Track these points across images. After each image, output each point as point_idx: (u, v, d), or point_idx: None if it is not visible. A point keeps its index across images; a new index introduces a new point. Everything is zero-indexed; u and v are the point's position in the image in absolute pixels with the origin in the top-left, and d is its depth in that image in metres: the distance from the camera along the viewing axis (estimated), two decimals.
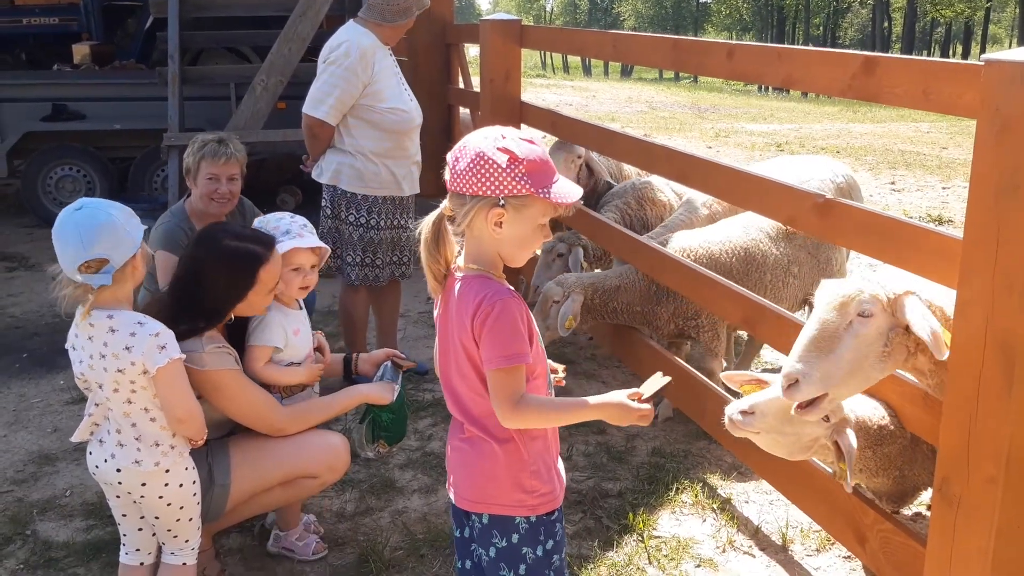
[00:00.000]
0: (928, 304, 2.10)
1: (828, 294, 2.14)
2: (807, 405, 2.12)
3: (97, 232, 2.22)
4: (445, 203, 1.92)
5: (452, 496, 2.07)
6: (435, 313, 2.07)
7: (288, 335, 2.78)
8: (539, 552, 2.01)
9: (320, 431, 2.86)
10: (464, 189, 1.85)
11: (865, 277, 2.16)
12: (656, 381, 2.00)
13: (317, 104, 4.01)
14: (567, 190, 1.87)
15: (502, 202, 1.84)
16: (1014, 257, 1.80)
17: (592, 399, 1.97)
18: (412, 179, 4.26)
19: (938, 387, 2.19)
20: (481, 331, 1.87)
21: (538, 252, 4.40)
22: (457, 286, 1.94)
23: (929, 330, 1.99)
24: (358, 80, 3.96)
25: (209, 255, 2.60)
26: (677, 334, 3.90)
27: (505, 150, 1.83)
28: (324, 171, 4.18)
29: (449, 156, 1.89)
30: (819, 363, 2.07)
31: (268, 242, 2.66)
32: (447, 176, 1.89)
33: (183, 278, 2.60)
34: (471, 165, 1.84)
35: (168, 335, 2.32)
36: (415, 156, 4.24)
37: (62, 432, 3.87)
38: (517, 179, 1.83)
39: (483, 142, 1.85)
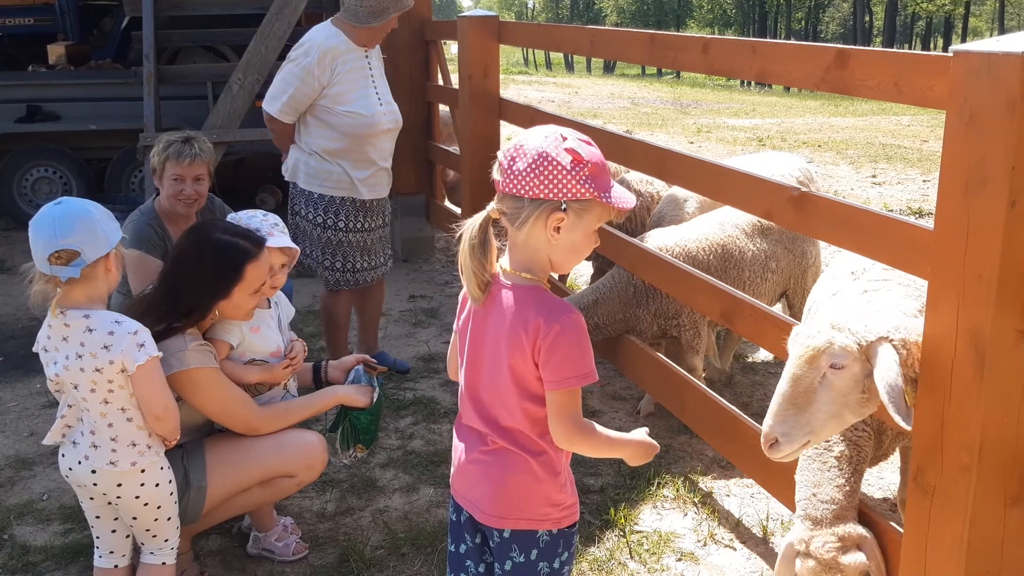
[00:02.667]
0: (903, 343, 2.04)
1: (799, 346, 2.10)
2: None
3: (72, 223, 2.23)
4: (492, 205, 1.81)
5: (471, 512, 1.96)
6: (460, 318, 1.97)
7: (244, 333, 2.76)
8: (555, 565, 1.95)
9: (297, 430, 2.85)
10: (523, 191, 1.75)
11: (835, 323, 2.09)
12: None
13: (271, 100, 4.04)
14: (625, 195, 1.81)
15: (564, 206, 1.75)
16: (983, 248, 1.81)
17: (627, 436, 1.97)
18: (375, 184, 4.19)
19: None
20: (548, 350, 1.78)
21: None
22: (506, 295, 1.83)
23: (888, 393, 1.94)
24: (314, 80, 3.95)
25: (196, 247, 2.62)
26: (660, 334, 3.90)
27: (570, 151, 1.74)
28: (287, 167, 4.20)
29: (502, 155, 1.79)
30: (797, 420, 2.08)
31: (258, 240, 2.67)
32: (497, 176, 1.80)
33: (171, 273, 2.61)
34: (533, 166, 1.74)
35: (145, 333, 2.32)
36: (380, 163, 4.17)
37: (39, 436, 3.83)
38: (581, 182, 1.74)
39: (545, 142, 1.75)
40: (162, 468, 2.45)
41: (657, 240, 3.73)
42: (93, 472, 2.36)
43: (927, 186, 9.57)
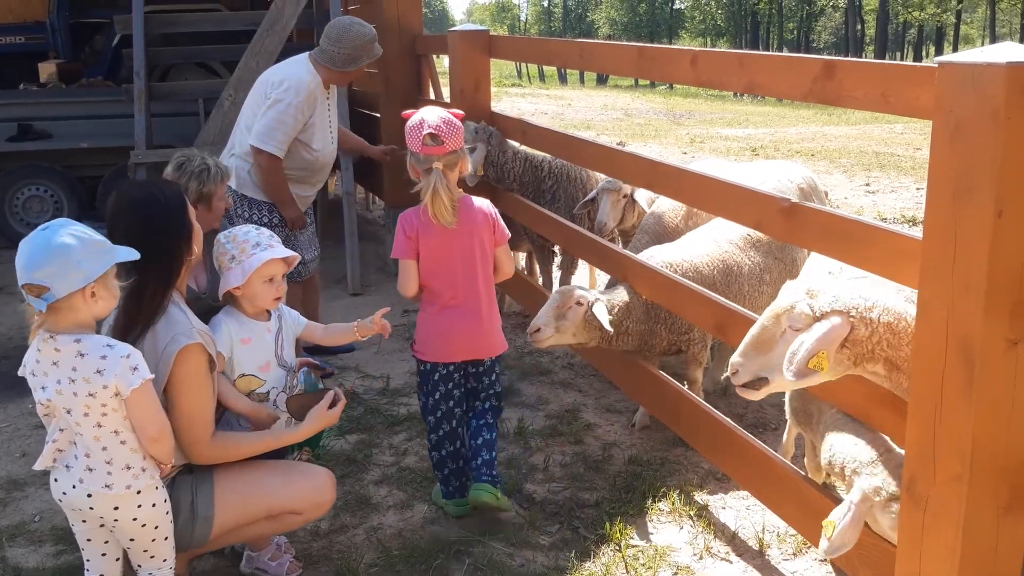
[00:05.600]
0: (864, 320, 2.18)
1: (776, 301, 2.32)
2: (750, 388, 2.39)
3: (44, 257, 2.16)
4: (440, 163, 3.03)
5: (472, 357, 3.23)
6: (421, 247, 3.12)
7: (234, 343, 2.76)
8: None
9: (309, 467, 2.85)
10: (460, 144, 3.08)
11: (811, 289, 2.26)
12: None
13: (272, 141, 4.25)
14: None
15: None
16: (971, 257, 1.81)
17: None
18: (306, 202, 4.65)
19: (898, 388, 2.23)
20: (496, 219, 3.20)
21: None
22: (463, 205, 3.15)
23: (792, 354, 2.17)
24: (304, 117, 4.29)
25: (134, 206, 2.52)
26: (667, 349, 3.81)
27: (452, 112, 3.10)
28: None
29: (435, 130, 3.00)
30: (756, 359, 2.35)
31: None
32: (435, 144, 3.01)
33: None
34: (458, 128, 3.06)
35: (138, 356, 2.29)
36: (319, 185, 4.73)
37: (31, 457, 3.81)
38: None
39: (449, 113, 3.07)
40: (157, 488, 2.42)
41: (663, 257, 3.67)
42: (89, 496, 2.34)
43: (921, 194, 9.60)
